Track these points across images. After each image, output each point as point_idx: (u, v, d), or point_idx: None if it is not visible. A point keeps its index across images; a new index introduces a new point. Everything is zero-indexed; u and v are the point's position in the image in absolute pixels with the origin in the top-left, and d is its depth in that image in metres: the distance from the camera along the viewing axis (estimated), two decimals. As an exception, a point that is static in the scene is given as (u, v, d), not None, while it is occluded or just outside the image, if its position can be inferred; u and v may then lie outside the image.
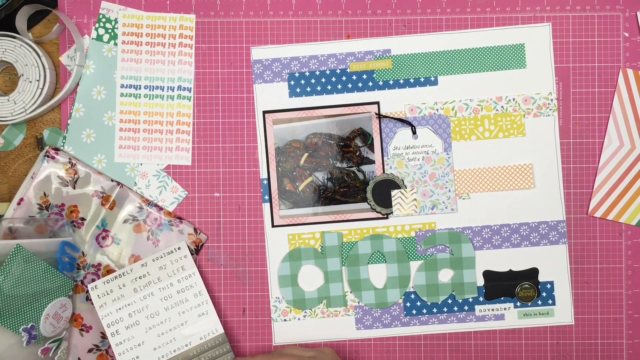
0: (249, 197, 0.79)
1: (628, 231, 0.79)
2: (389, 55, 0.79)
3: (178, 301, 0.76)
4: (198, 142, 0.79)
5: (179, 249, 0.77)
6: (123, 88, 0.79)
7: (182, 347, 0.74)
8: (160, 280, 0.76)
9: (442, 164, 0.79)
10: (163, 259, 0.76)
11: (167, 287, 0.76)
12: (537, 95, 0.78)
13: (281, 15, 0.79)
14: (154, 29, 0.78)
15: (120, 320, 0.75)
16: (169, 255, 0.76)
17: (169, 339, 0.74)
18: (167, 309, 0.75)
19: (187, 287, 0.76)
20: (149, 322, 0.75)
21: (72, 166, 0.77)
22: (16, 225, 0.73)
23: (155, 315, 0.75)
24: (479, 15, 0.78)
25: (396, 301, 0.79)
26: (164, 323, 0.75)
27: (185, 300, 0.76)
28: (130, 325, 0.75)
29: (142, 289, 0.75)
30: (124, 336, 0.74)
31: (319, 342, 0.79)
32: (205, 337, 0.75)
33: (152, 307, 0.75)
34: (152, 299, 0.75)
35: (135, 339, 0.75)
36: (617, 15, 0.78)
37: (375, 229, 0.79)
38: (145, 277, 0.75)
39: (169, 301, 0.75)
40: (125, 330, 0.74)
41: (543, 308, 0.79)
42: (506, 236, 0.79)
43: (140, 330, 0.75)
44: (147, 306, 0.75)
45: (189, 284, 0.76)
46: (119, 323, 0.74)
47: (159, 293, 0.75)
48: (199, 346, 0.75)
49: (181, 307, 0.75)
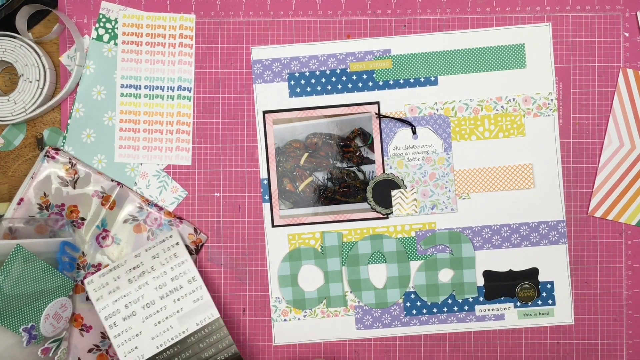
0: (249, 197, 0.79)
1: (628, 231, 0.79)
2: (389, 55, 0.79)
3: (172, 289, 0.75)
4: (198, 142, 0.79)
5: (171, 237, 0.77)
6: (123, 88, 0.79)
7: (179, 335, 0.74)
8: (154, 269, 0.76)
9: (442, 164, 0.79)
10: (155, 248, 0.76)
11: (161, 275, 0.76)
12: (537, 95, 0.78)
13: (281, 15, 0.79)
14: (154, 29, 0.78)
15: (117, 312, 0.75)
16: (161, 244, 0.77)
17: (166, 327, 0.74)
18: (162, 297, 0.75)
19: (180, 274, 0.76)
20: (145, 312, 0.75)
21: (72, 166, 0.77)
22: (16, 225, 0.73)
23: (151, 304, 0.75)
24: (479, 15, 0.79)
25: (396, 301, 0.79)
26: (160, 312, 0.75)
27: (180, 287, 0.76)
28: (127, 317, 0.75)
29: (136, 279, 0.75)
30: (121, 328, 0.74)
31: (319, 342, 0.79)
32: (202, 323, 0.75)
33: (148, 296, 0.75)
34: (147, 289, 0.75)
35: (132, 329, 0.75)
36: (617, 15, 0.78)
37: (375, 229, 0.79)
38: (139, 268, 0.76)
39: (163, 289, 0.75)
40: (122, 322, 0.75)
41: (543, 308, 0.79)
42: (506, 236, 0.79)
43: (137, 320, 0.75)
44: (142, 296, 0.75)
45: (182, 271, 0.76)
46: (116, 315, 0.75)
47: (153, 282, 0.75)
48: (197, 332, 0.74)
49: (176, 295, 0.75)
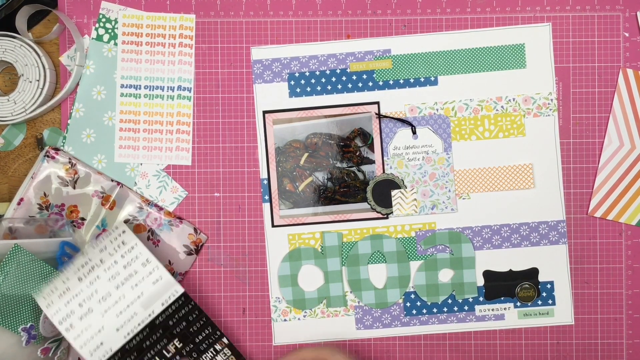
0: (249, 197, 0.79)
1: (628, 231, 0.79)
2: (389, 55, 0.79)
3: (127, 276, 0.73)
4: (198, 142, 0.79)
5: (116, 228, 0.75)
6: (123, 88, 0.79)
7: (146, 319, 0.72)
8: (103, 261, 0.73)
9: (442, 164, 0.79)
10: (102, 242, 0.74)
11: (112, 265, 0.73)
12: (537, 95, 0.78)
13: (281, 15, 0.79)
14: (154, 29, 0.78)
15: (72, 313, 0.72)
16: (107, 237, 0.74)
17: (130, 315, 0.72)
18: (119, 287, 0.73)
19: (132, 260, 0.73)
20: (102, 306, 0.72)
21: (72, 166, 0.77)
22: (16, 225, 0.73)
23: (108, 296, 0.72)
24: (479, 15, 0.79)
25: (396, 301, 0.79)
26: (119, 302, 0.73)
27: (135, 272, 0.73)
28: (84, 315, 0.72)
29: (86, 275, 0.73)
30: (79, 328, 0.72)
31: (319, 342, 0.79)
32: (167, 301, 0.73)
33: (102, 290, 0.72)
34: (99, 283, 0.72)
35: (92, 326, 0.72)
36: (617, 15, 0.78)
37: (375, 229, 0.79)
38: (87, 264, 0.73)
39: (117, 279, 0.73)
40: (79, 322, 0.72)
41: (543, 308, 0.79)
42: (506, 236, 0.79)
43: (95, 316, 0.72)
44: (96, 291, 0.72)
45: (134, 256, 0.73)
46: (71, 317, 0.72)
47: (104, 274, 0.73)
48: (164, 312, 0.73)
49: (132, 281, 0.73)
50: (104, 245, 0.74)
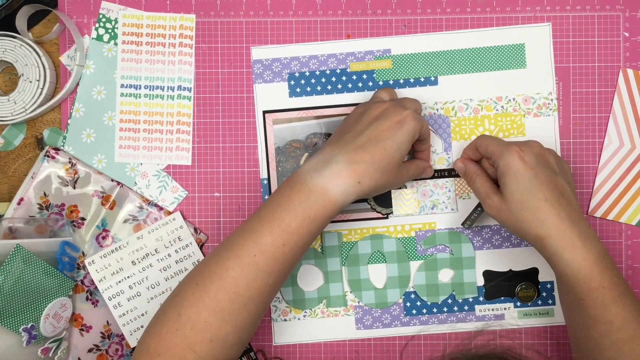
0: (249, 197, 0.79)
1: (628, 231, 0.79)
2: (389, 55, 0.79)
3: (177, 271, 0.77)
4: (198, 142, 0.79)
5: (174, 219, 0.77)
6: (123, 88, 0.79)
7: None
8: (158, 251, 0.76)
9: (442, 164, 0.79)
10: (159, 230, 0.77)
11: (165, 257, 0.76)
12: (537, 95, 0.78)
13: (281, 15, 0.79)
14: (154, 29, 0.78)
15: (122, 292, 0.76)
16: (165, 227, 0.77)
17: None
18: (167, 279, 0.76)
19: (185, 257, 0.77)
20: (150, 293, 0.76)
21: (72, 166, 0.77)
22: (16, 225, 0.73)
23: (156, 285, 0.76)
24: (479, 15, 0.79)
25: (396, 301, 0.79)
26: (165, 293, 0.76)
27: (185, 269, 0.77)
28: (132, 297, 0.76)
29: (140, 261, 0.76)
30: (126, 307, 0.76)
31: (318, 342, 0.79)
32: None
33: (152, 278, 0.76)
34: (151, 270, 0.76)
35: (138, 309, 0.76)
36: (617, 15, 0.78)
37: (375, 229, 0.79)
38: (142, 250, 0.76)
39: (168, 271, 0.76)
40: (127, 302, 0.76)
41: (543, 308, 0.79)
42: (506, 236, 0.79)
43: (142, 301, 0.76)
44: (147, 277, 0.76)
45: (187, 254, 0.77)
46: (120, 295, 0.76)
47: (157, 264, 0.76)
48: None
49: (181, 277, 0.76)
50: (160, 235, 0.77)
